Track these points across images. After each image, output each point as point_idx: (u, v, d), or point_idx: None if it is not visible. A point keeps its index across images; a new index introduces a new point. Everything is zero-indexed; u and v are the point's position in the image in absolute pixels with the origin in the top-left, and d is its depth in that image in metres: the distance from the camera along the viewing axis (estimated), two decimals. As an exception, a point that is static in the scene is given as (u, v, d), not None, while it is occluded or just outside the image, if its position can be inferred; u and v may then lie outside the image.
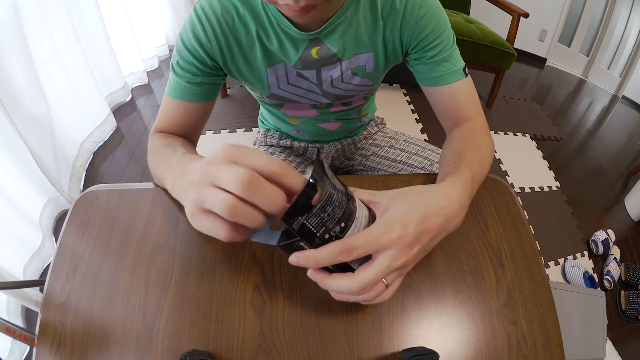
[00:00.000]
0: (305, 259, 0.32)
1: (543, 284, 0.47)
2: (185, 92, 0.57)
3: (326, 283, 0.35)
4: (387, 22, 0.56)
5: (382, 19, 0.56)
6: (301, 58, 0.57)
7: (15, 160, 1.18)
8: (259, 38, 0.55)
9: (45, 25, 1.39)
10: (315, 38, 0.55)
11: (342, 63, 0.59)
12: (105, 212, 0.51)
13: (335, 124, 0.76)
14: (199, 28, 0.53)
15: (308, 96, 0.65)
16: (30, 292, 1.05)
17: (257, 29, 0.54)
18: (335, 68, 0.60)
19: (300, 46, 0.56)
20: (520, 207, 0.54)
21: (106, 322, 0.42)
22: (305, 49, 0.56)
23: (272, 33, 0.55)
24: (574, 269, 1.49)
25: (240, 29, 0.54)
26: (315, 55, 0.57)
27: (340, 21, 0.54)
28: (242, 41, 0.56)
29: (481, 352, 0.42)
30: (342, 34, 0.56)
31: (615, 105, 2.80)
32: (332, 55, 0.58)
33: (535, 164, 2.02)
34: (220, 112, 1.96)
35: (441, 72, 0.58)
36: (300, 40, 0.55)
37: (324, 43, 0.56)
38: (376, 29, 0.57)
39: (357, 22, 0.56)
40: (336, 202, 0.31)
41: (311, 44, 0.56)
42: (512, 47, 2.00)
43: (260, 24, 0.54)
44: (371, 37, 0.58)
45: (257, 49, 0.56)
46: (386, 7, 0.55)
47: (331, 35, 0.55)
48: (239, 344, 0.41)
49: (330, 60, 0.58)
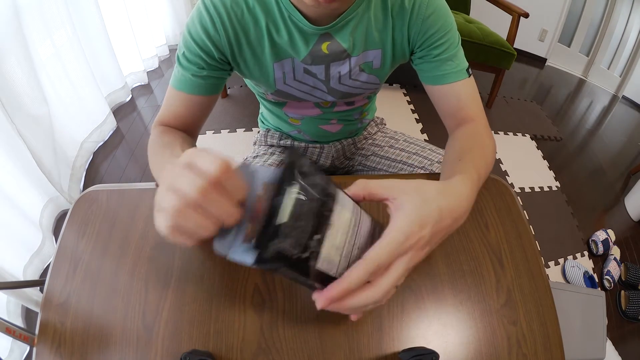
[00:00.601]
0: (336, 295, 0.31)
1: (543, 284, 0.47)
2: (190, 84, 0.57)
3: (349, 305, 0.32)
4: (396, 20, 0.57)
5: (392, 17, 0.57)
6: (311, 53, 0.57)
7: (15, 160, 1.18)
8: (268, 31, 0.55)
9: (45, 25, 1.39)
10: (326, 33, 0.55)
11: (352, 59, 0.59)
12: (105, 212, 0.51)
13: (337, 126, 0.76)
14: (208, 20, 0.53)
15: (313, 93, 0.65)
16: (30, 292, 1.05)
17: (266, 22, 0.54)
18: (344, 64, 0.60)
19: (310, 40, 0.56)
20: (520, 207, 0.54)
21: (106, 322, 0.42)
22: (316, 43, 0.56)
23: (282, 26, 0.55)
24: (574, 269, 1.49)
25: (250, 21, 0.54)
26: (326, 50, 0.57)
27: (352, 17, 0.54)
28: (250, 34, 0.55)
29: (481, 352, 0.42)
30: (353, 30, 0.56)
31: (615, 105, 2.80)
32: (342, 51, 0.58)
33: (535, 164, 2.02)
34: (220, 112, 1.96)
35: (445, 71, 0.59)
36: (311, 35, 0.55)
37: (334, 38, 0.56)
38: (386, 27, 0.57)
39: (368, 18, 0.56)
40: (307, 212, 0.29)
41: (322, 38, 0.56)
42: (512, 47, 2.00)
43: (271, 16, 0.54)
44: (381, 34, 0.58)
45: (266, 42, 0.56)
46: (396, 5, 0.56)
47: (342, 30, 0.56)
48: (239, 344, 0.41)
49: (340, 56, 0.58)
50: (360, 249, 0.34)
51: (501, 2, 2.13)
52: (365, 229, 0.35)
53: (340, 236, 0.31)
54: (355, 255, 0.33)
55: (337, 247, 0.32)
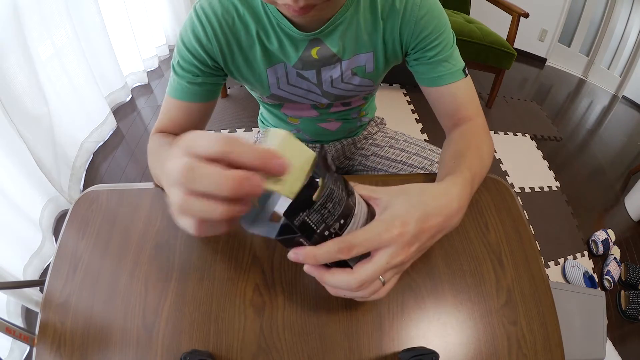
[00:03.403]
0: (305, 256, 0.32)
1: (543, 284, 0.47)
2: (186, 92, 0.57)
3: (324, 278, 0.35)
4: (387, 23, 0.56)
5: (382, 19, 0.56)
6: (301, 58, 0.57)
7: (15, 160, 1.18)
8: (259, 38, 0.55)
9: (45, 25, 1.39)
10: (315, 38, 0.55)
11: (342, 63, 0.59)
12: (105, 212, 0.51)
13: (336, 123, 0.76)
14: (199, 28, 0.53)
15: (308, 96, 0.65)
16: (30, 292, 1.04)
17: (257, 29, 0.54)
18: (335, 68, 0.60)
19: (300, 46, 0.56)
20: (520, 207, 0.54)
21: (106, 322, 0.42)
22: (305, 49, 0.56)
23: (272, 33, 0.55)
24: (574, 269, 1.49)
25: (241, 29, 0.54)
26: (315, 55, 0.57)
27: (340, 21, 0.54)
28: (242, 41, 0.56)
29: (481, 352, 0.42)
30: (342, 34, 0.56)
31: (615, 105, 2.80)
32: (332, 56, 0.58)
33: (535, 164, 2.02)
34: (220, 112, 1.96)
35: (441, 73, 0.58)
36: (300, 41, 0.55)
37: (324, 43, 0.56)
38: (376, 29, 0.57)
39: (357, 22, 0.56)
40: (336, 199, 0.31)
41: (311, 44, 0.56)
42: (512, 47, 2.00)
43: (261, 24, 0.54)
44: (371, 37, 0.58)
45: (257, 49, 0.56)
46: (386, 7, 0.55)
47: (331, 35, 0.55)
48: (239, 344, 0.41)
49: (330, 61, 0.58)
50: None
51: (501, 2, 2.13)
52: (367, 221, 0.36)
53: (358, 226, 0.34)
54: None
55: None
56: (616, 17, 2.73)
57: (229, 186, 0.25)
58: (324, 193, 0.30)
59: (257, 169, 0.26)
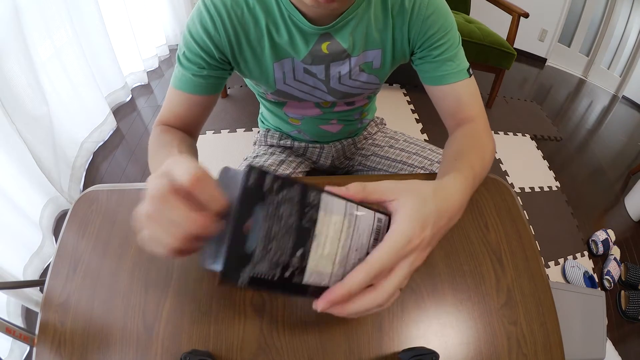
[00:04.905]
0: (337, 299, 0.30)
1: (543, 284, 0.47)
2: (190, 84, 0.57)
3: (351, 309, 0.32)
4: (396, 20, 0.57)
5: (392, 16, 0.57)
6: (311, 52, 0.57)
7: (15, 160, 1.18)
8: (268, 31, 0.55)
9: (45, 25, 1.39)
10: (326, 33, 0.55)
11: (352, 59, 0.59)
12: (105, 212, 0.51)
13: (337, 126, 0.76)
14: (208, 19, 0.53)
15: (313, 93, 0.65)
16: (30, 292, 1.05)
17: (266, 22, 0.54)
18: (344, 64, 0.60)
19: (310, 40, 0.56)
20: (520, 207, 0.54)
21: (106, 322, 0.42)
22: (316, 43, 0.56)
23: (282, 26, 0.55)
24: (574, 269, 1.49)
25: (250, 21, 0.54)
26: (326, 50, 0.57)
27: (352, 17, 0.54)
28: (250, 34, 0.55)
29: (481, 352, 0.42)
30: (353, 30, 0.56)
31: (615, 105, 2.80)
32: (342, 51, 0.58)
33: (535, 164, 2.01)
34: (220, 112, 1.96)
35: (445, 72, 0.59)
36: (311, 35, 0.55)
37: (334, 38, 0.56)
38: (386, 27, 0.57)
39: (368, 18, 0.56)
40: (283, 229, 0.27)
41: (322, 38, 0.56)
42: (512, 47, 2.00)
43: (271, 16, 0.54)
44: (381, 34, 0.58)
45: (266, 42, 0.56)
46: (396, 5, 0.56)
47: (342, 30, 0.56)
48: (239, 344, 0.41)
49: (340, 56, 0.58)
50: (359, 250, 0.33)
51: (501, 2, 2.13)
52: (364, 226, 0.33)
53: (329, 244, 0.30)
54: (353, 258, 0.32)
55: (327, 256, 0.30)
56: (616, 17, 2.73)
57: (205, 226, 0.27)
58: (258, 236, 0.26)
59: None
